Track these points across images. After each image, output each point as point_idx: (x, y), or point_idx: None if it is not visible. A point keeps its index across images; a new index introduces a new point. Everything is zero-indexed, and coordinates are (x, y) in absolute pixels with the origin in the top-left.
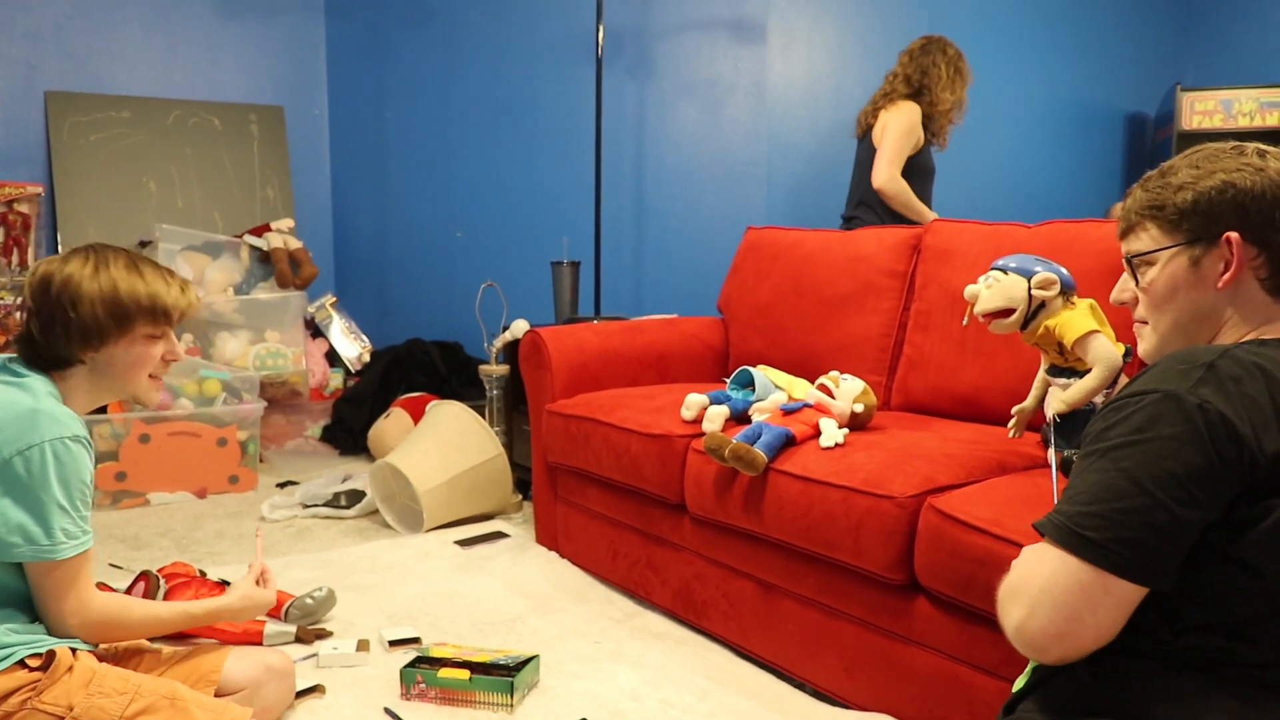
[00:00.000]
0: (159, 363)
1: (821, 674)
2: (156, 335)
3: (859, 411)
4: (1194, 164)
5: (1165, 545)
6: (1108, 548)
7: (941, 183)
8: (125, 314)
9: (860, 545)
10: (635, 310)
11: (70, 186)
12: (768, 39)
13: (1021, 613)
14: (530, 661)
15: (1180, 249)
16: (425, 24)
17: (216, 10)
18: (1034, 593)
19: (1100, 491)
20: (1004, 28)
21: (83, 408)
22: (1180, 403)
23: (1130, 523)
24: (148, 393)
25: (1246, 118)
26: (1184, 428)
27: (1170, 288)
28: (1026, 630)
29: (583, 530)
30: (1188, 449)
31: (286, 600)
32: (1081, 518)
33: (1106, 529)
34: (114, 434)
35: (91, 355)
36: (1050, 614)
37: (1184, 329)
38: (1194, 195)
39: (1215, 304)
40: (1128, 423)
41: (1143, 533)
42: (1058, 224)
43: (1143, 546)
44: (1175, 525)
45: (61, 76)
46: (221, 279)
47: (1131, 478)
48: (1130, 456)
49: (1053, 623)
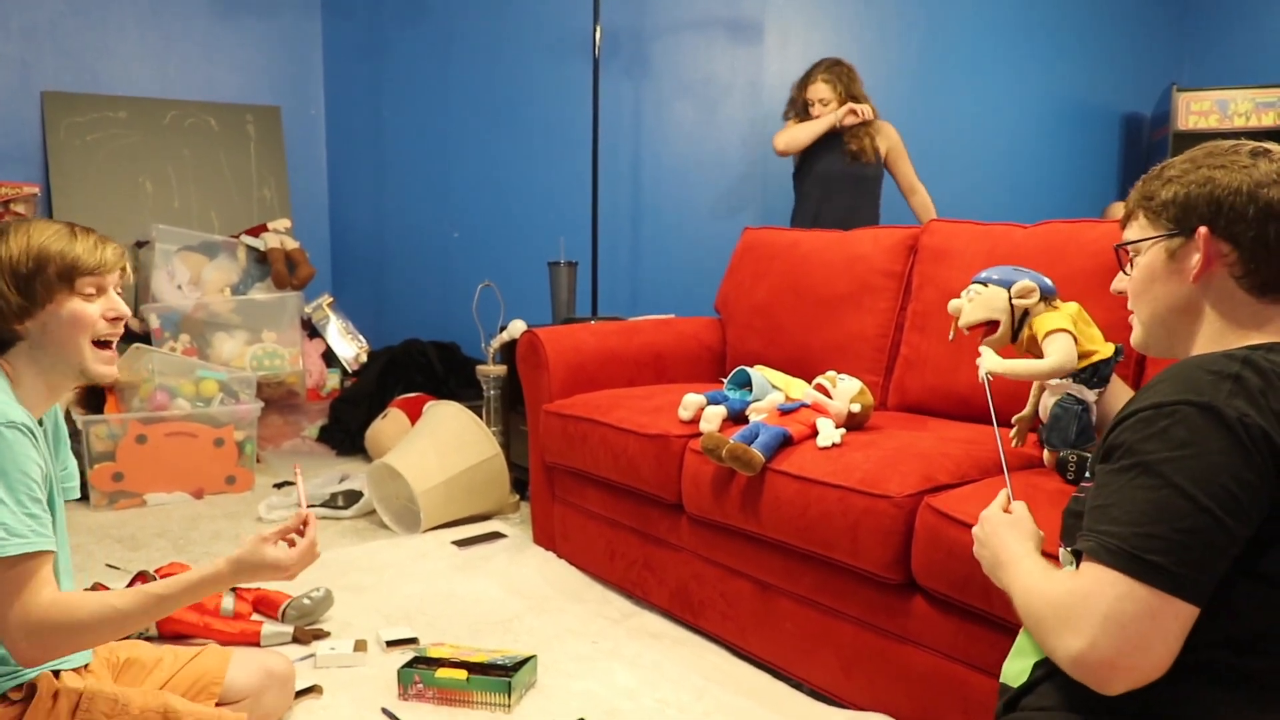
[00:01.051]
0: (102, 324)
1: (819, 673)
2: (88, 293)
3: (856, 411)
4: (1189, 159)
5: (1221, 564)
6: (1176, 571)
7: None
8: (39, 272)
9: (857, 545)
10: (632, 310)
11: (67, 187)
12: (764, 39)
13: (1080, 642)
14: (528, 661)
15: (1160, 240)
16: (422, 23)
17: (213, 10)
18: (1094, 620)
19: (1155, 510)
20: (1000, 28)
21: (38, 394)
22: (1220, 416)
23: (1193, 543)
24: (95, 365)
25: (1242, 118)
26: (1229, 442)
27: (1148, 278)
28: (1089, 661)
29: (580, 530)
30: (1237, 463)
31: (283, 600)
32: (1141, 540)
33: (1171, 551)
34: (111, 434)
35: (25, 327)
36: (1118, 644)
37: (1162, 320)
38: (1176, 189)
39: (1190, 297)
40: (1167, 436)
41: (1205, 553)
42: (1054, 224)
43: (1205, 567)
44: (1230, 542)
45: (58, 76)
46: (218, 279)
47: (1187, 495)
48: (1180, 472)
49: (1121, 653)
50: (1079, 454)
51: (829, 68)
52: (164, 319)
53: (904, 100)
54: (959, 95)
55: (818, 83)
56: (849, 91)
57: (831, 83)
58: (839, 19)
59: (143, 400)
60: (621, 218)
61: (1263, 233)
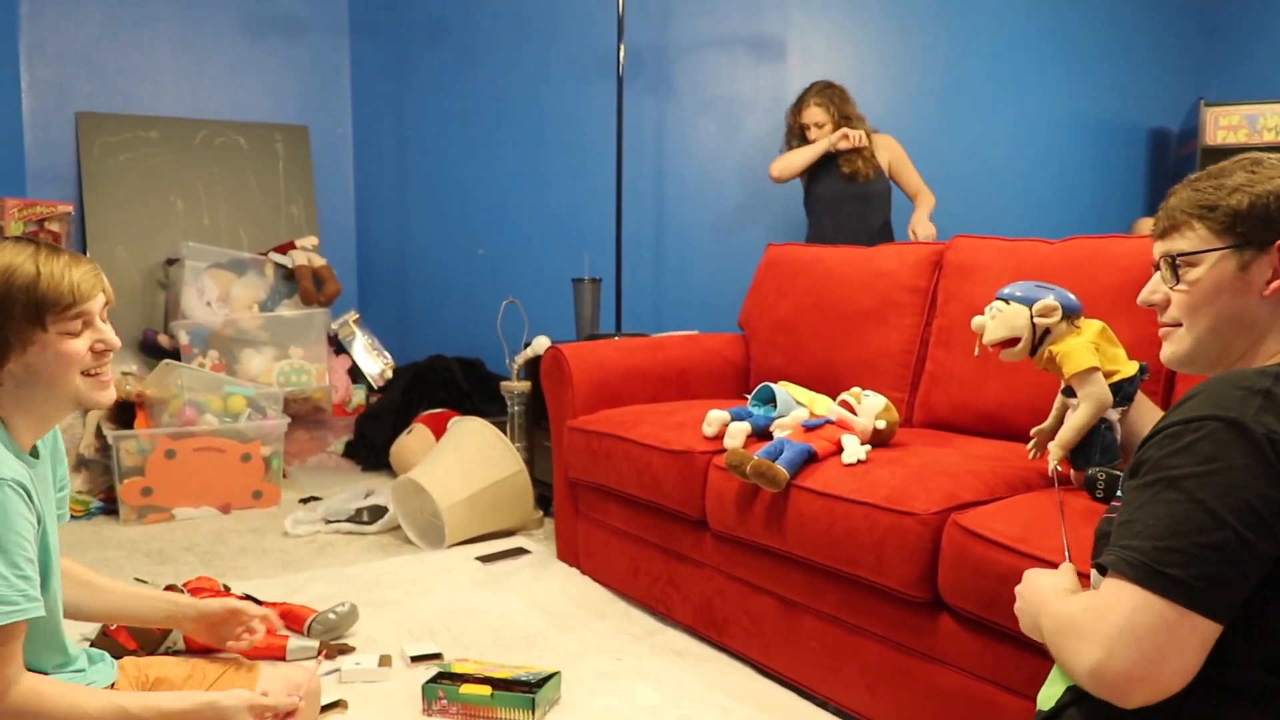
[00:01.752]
0: (89, 358)
1: (843, 692)
2: (69, 330)
3: (881, 428)
4: (1249, 169)
5: (1244, 581)
6: (1194, 585)
7: (963, 198)
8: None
9: (883, 562)
10: (656, 326)
11: (99, 205)
12: (787, 56)
13: (1097, 654)
14: (551, 678)
15: (1229, 252)
16: (448, 44)
17: (243, 32)
18: (1111, 632)
19: (1176, 524)
20: (1026, 43)
21: (29, 429)
22: (1246, 432)
23: (1213, 558)
24: (89, 394)
25: (1272, 132)
26: (1255, 459)
27: (1214, 290)
28: (1106, 673)
29: (604, 546)
30: (1262, 480)
31: (309, 615)
32: (1160, 553)
33: (1189, 565)
34: (140, 449)
35: (5, 370)
36: (1134, 656)
37: (1220, 334)
38: (1250, 199)
39: (1258, 312)
40: (1192, 451)
41: (1226, 569)
42: (1080, 240)
43: (1226, 583)
44: (1255, 560)
45: (92, 97)
46: (247, 296)
47: (1209, 509)
48: (1204, 487)
49: (1137, 665)
50: (1108, 472)
51: (820, 91)
52: (193, 335)
53: (928, 116)
54: (984, 110)
55: (811, 107)
56: (841, 113)
57: (824, 105)
58: (861, 35)
59: (172, 415)
60: (645, 234)
61: None
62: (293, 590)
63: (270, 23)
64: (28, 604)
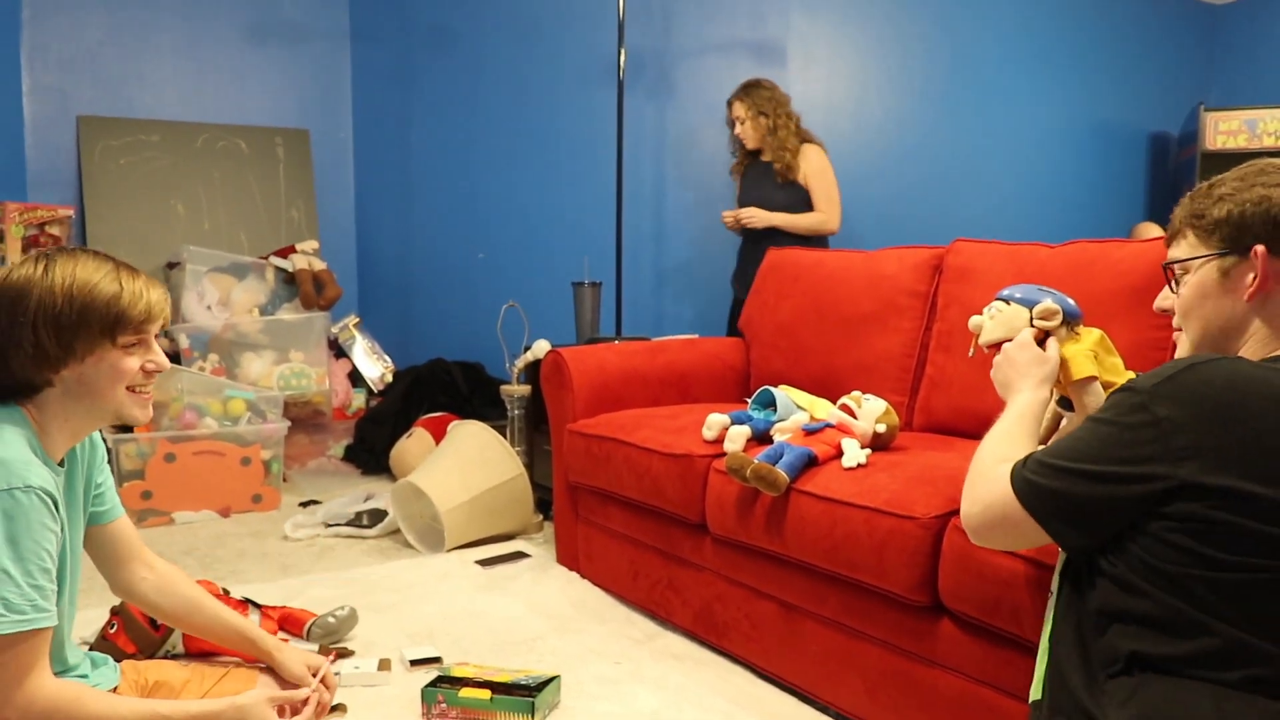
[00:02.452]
0: (139, 375)
1: (844, 696)
2: (129, 345)
3: (881, 432)
4: (1241, 177)
5: (1088, 507)
6: (1035, 496)
7: (963, 202)
8: (83, 325)
9: (883, 566)
10: (656, 330)
11: (101, 209)
12: (787, 61)
13: (965, 507)
14: (551, 682)
15: (1213, 258)
16: (449, 49)
17: (244, 36)
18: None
19: (1065, 449)
20: (1027, 49)
21: (63, 438)
22: (1139, 395)
23: (1064, 483)
24: (130, 409)
25: (1272, 137)
26: (1140, 418)
27: (1199, 296)
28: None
29: (604, 550)
30: (1121, 441)
31: (308, 619)
32: (1036, 463)
33: (1044, 474)
34: (140, 453)
35: (58, 376)
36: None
37: (1211, 338)
38: (1230, 207)
39: (1243, 315)
40: (1111, 403)
41: (1068, 502)
42: (1080, 244)
43: (1064, 509)
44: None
45: (93, 101)
46: (247, 300)
47: (1088, 448)
48: (1098, 430)
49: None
50: None
51: (745, 87)
52: (193, 339)
53: (929, 120)
54: (984, 115)
55: (734, 102)
56: (759, 110)
57: (744, 102)
58: (862, 41)
59: (172, 419)
60: (645, 238)
61: None
62: (292, 594)
63: (272, 28)
64: (36, 614)
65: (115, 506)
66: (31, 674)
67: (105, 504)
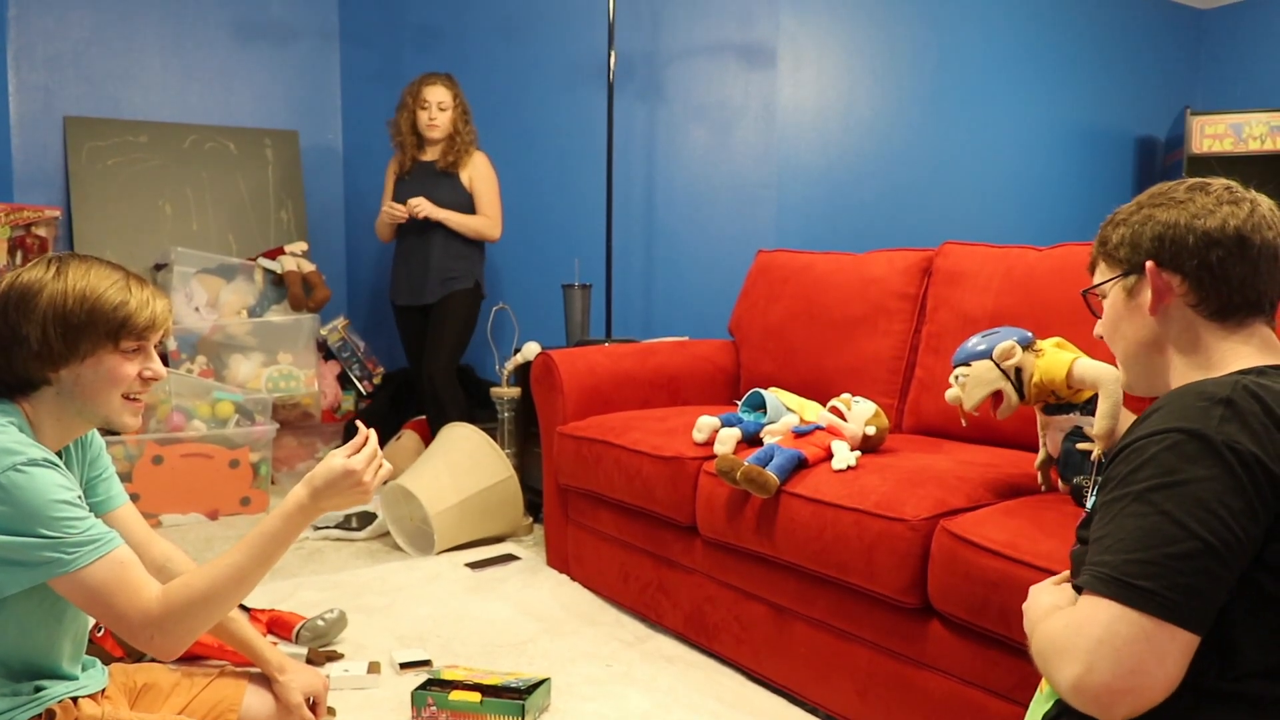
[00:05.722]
0: (136, 382)
1: (834, 698)
2: (129, 351)
3: (871, 434)
4: (1136, 202)
5: (1216, 589)
6: (1167, 596)
7: (952, 205)
8: (89, 325)
9: (873, 568)
10: (646, 333)
11: (88, 210)
12: (777, 63)
13: (1077, 669)
14: (541, 684)
15: (1118, 280)
16: (438, 50)
17: (232, 36)
18: (1089, 645)
19: (1145, 537)
20: (1014, 51)
21: (55, 436)
22: (1209, 442)
23: (1184, 569)
24: (120, 415)
25: (1257, 141)
26: (1219, 468)
27: (1114, 317)
28: (1088, 686)
29: (594, 553)
30: (1226, 489)
31: (297, 622)
32: (1131, 566)
33: (1160, 576)
34: (127, 455)
35: (56, 375)
36: (1113, 668)
37: (1135, 357)
38: (1124, 230)
39: (1154, 331)
40: (1155, 463)
41: (1197, 579)
42: (1068, 246)
43: (1199, 593)
44: (1224, 568)
45: (80, 102)
46: (235, 301)
47: (1176, 521)
48: (1170, 499)
49: (1117, 677)
50: (1093, 480)
51: (446, 77)
52: (181, 341)
53: (917, 123)
54: (973, 118)
55: (434, 87)
56: (464, 106)
57: (451, 89)
58: (851, 43)
59: (159, 421)
60: (635, 240)
61: (1205, 259)
62: (281, 597)
63: (260, 28)
64: (104, 538)
65: (112, 497)
66: (145, 585)
67: (98, 495)
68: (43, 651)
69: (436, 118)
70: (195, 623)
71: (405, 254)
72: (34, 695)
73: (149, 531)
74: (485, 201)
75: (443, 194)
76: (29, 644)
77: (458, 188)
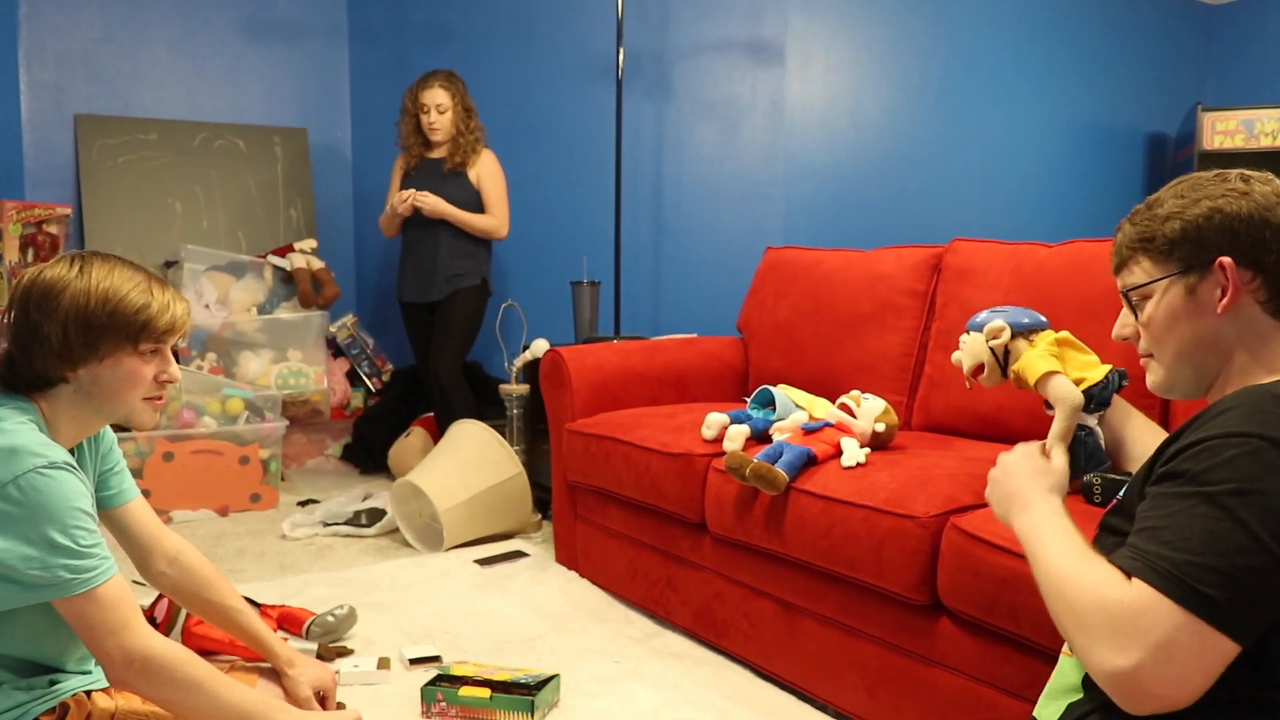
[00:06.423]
0: (153, 384)
1: (843, 695)
2: (147, 354)
3: (880, 431)
4: (1179, 194)
5: (1272, 607)
6: (1229, 608)
7: (961, 201)
8: (110, 327)
9: (882, 565)
10: (654, 330)
11: (98, 207)
12: (785, 60)
13: (1126, 661)
14: (550, 680)
15: (1174, 279)
16: (447, 47)
17: (242, 34)
18: (1148, 645)
19: (1215, 542)
20: (1024, 48)
21: (70, 433)
22: None
23: (1249, 582)
24: (140, 414)
25: (1269, 137)
26: None
27: (1170, 318)
28: (1131, 681)
29: (602, 549)
30: None
31: (307, 618)
32: (1196, 569)
33: (1225, 586)
34: (138, 452)
35: (75, 374)
36: (1164, 674)
37: (1189, 358)
38: (1182, 224)
39: (1218, 330)
40: (1233, 466)
41: (1259, 593)
42: (1079, 243)
43: (1257, 607)
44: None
45: (90, 100)
46: (245, 299)
47: (1250, 532)
48: (1246, 507)
49: (1164, 683)
50: (1104, 476)
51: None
52: (191, 338)
53: (926, 120)
54: (982, 115)
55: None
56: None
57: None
58: (860, 39)
59: (170, 418)
60: (644, 237)
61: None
62: (291, 593)
63: (269, 26)
64: (101, 565)
65: (124, 490)
66: (127, 627)
67: (110, 488)
68: (52, 656)
69: (436, 121)
70: (164, 689)
71: (412, 251)
72: (48, 689)
73: (160, 525)
74: (493, 199)
75: (450, 192)
76: (38, 649)
77: (465, 186)
